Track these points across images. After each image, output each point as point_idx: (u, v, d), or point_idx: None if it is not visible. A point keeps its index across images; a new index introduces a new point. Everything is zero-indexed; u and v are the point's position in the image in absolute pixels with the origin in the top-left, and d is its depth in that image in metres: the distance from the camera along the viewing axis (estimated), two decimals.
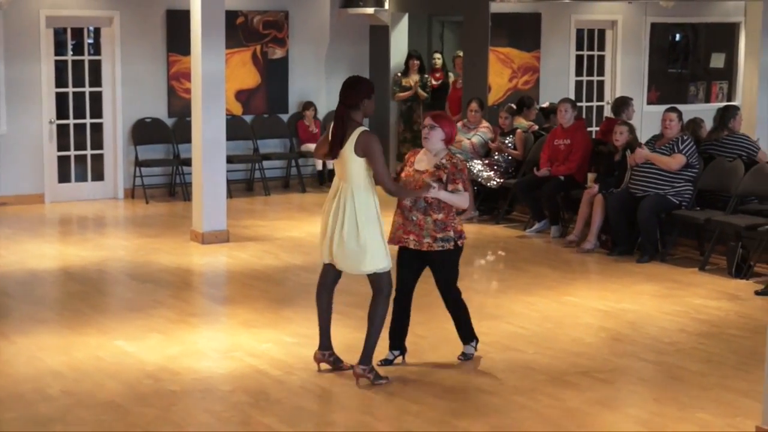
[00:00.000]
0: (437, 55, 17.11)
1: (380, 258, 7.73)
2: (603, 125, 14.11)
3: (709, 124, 13.01)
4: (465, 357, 8.36)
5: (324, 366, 8.06)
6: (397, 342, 8.25)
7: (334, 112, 7.78)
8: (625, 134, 12.43)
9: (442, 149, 7.99)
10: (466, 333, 8.40)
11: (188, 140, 13.28)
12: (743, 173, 11.63)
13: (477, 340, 8.44)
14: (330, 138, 7.73)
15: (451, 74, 17.01)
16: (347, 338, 8.75)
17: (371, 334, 7.79)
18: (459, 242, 8.01)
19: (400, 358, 8.29)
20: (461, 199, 7.92)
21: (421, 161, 8.03)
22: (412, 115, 16.82)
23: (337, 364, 8.05)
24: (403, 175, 8.05)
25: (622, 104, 13.56)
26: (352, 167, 7.63)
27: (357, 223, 7.64)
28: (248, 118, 16.57)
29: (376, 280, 7.79)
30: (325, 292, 8.13)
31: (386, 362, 8.19)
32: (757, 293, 10.41)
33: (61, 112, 15.40)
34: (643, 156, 11.92)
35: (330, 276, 8.09)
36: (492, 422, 7.11)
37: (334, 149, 7.68)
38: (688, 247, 12.20)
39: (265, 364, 8.24)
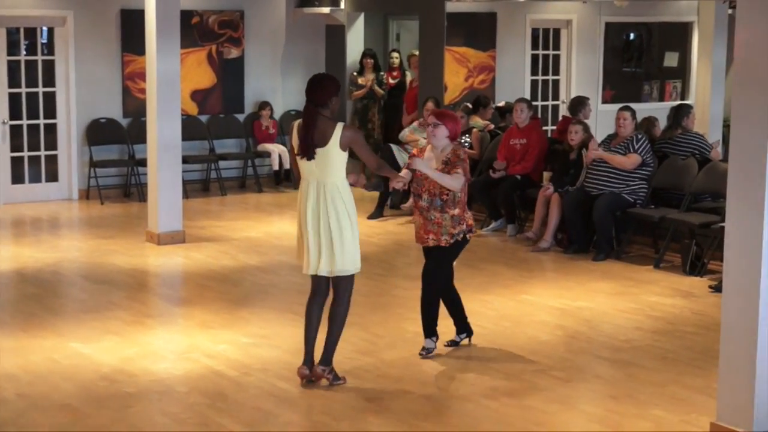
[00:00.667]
0: (395, 54, 17.11)
1: (359, 256, 7.73)
2: (560, 124, 14.18)
3: (662, 123, 13.11)
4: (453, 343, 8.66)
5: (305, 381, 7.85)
6: (462, 326, 8.66)
7: (303, 112, 7.63)
8: (580, 133, 12.49)
9: (447, 145, 8.24)
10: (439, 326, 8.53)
11: (143, 141, 13.22)
12: (697, 171, 11.72)
13: (437, 337, 8.50)
14: (302, 139, 7.58)
15: (408, 73, 17.03)
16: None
17: (333, 334, 7.76)
18: (468, 235, 8.29)
19: (467, 340, 8.73)
20: (454, 181, 8.07)
21: (430, 159, 8.23)
22: (367, 114, 16.82)
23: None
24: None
25: (578, 104, 13.63)
26: (337, 163, 7.55)
27: (350, 219, 7.59)
28: (204, 118, 16.51)
29: (347, 280, 7.74)
30: (317, 306, 7.85)
31: (453, 343, 8.69)
32: (711, 288, 10.48)
33: (15, 113, 15.25)
34: (597, 154, 11.98)
35: (322, 288, 7.82)
36: (451, 422, 7.13)
37: (310, 149, 7.53)
38: (643, 245, 12.28)
39: (221, 365, 8.21)
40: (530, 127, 13.29)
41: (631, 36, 19.40)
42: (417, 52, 16.42)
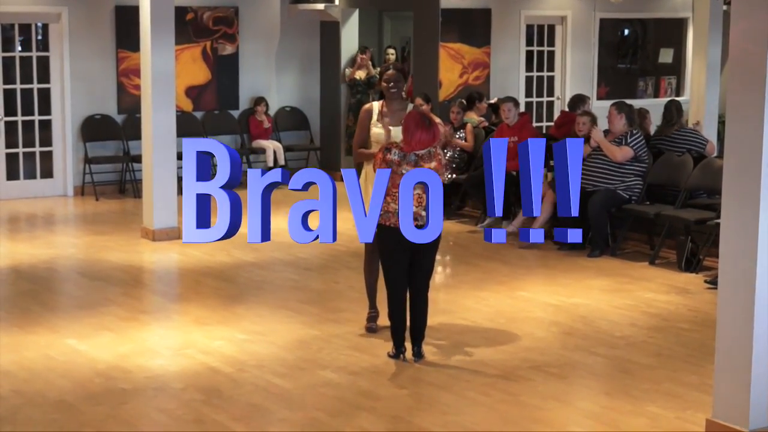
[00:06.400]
0: (391, 51, 17.10)
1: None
2: (559, 119, 14.17)
3: (656, 119, 13.12)
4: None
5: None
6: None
7: None
8: (587, 124, 12.44)
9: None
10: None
11: (138, 137, 13.22)
12: (692, 168, 11.73)
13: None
14: None
15: None
16: (299, 334, 8.76)
17: None
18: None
19: None
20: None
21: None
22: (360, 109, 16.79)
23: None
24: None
25: (578, 101, 13.64)
26: None
27: None
28: (199, 114, 16.51)
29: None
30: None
31: None
32: (706, 284, 10.48)
33: (10, 109, 15.26)
34: (597, 136, 11.94)
35: None
36: (446, 418, 7.13)
37: None
38: (638, 241, 12.28)
39: (217, 362, 8.21)
40: (520, 124, 13.26)
41: (626, 32, 19.42)
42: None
